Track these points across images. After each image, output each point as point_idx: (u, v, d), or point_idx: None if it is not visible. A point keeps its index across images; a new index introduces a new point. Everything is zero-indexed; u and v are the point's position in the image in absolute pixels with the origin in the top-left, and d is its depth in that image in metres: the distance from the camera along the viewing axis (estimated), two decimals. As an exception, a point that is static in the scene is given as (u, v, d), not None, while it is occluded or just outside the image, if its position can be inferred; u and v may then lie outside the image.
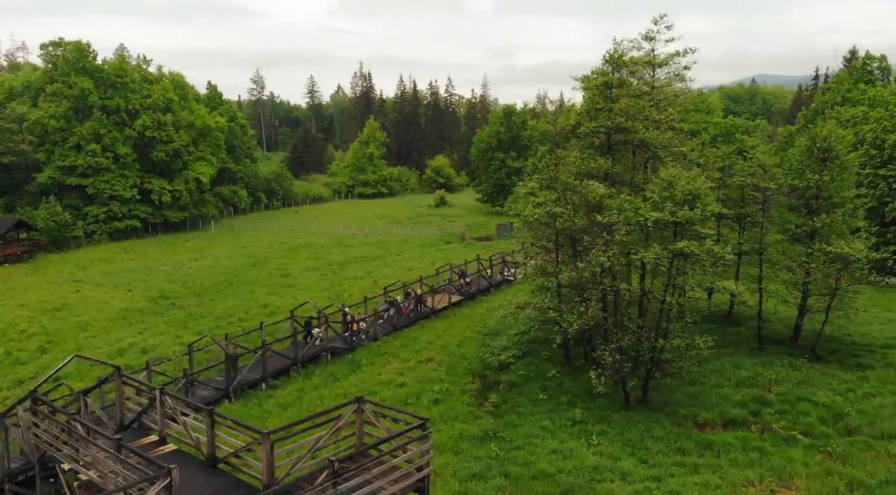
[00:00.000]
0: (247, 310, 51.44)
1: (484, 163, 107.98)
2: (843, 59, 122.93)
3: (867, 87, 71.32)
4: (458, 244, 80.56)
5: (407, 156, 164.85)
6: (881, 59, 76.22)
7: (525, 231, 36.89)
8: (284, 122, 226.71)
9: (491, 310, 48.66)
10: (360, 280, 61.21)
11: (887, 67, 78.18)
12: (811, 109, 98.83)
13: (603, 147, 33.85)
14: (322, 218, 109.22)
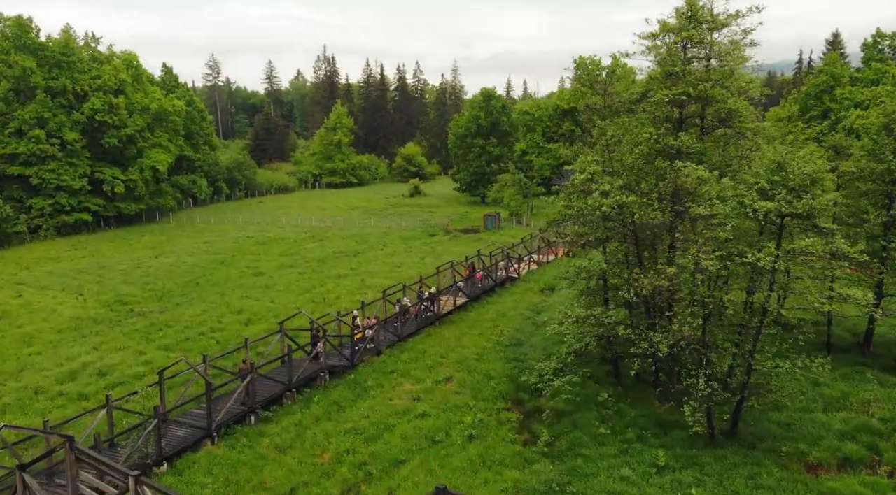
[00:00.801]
0: (219, 317, 44.73)
1: (463, 150, 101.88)
2: (826, 43, 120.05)
3: (882, 65, 67.20)
4: (443, 237, 74.50)
5: (374, 143, 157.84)
6: (892, 37, 72.32)
7: (571, 226, 30.85)
8: (241, 109, 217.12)
9: (501, 314, 42.92)
10: (344, 279, 54.79)
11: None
12: (803, 92, 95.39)
13: (670, 122, 28.00)
14: (289, 209, 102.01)
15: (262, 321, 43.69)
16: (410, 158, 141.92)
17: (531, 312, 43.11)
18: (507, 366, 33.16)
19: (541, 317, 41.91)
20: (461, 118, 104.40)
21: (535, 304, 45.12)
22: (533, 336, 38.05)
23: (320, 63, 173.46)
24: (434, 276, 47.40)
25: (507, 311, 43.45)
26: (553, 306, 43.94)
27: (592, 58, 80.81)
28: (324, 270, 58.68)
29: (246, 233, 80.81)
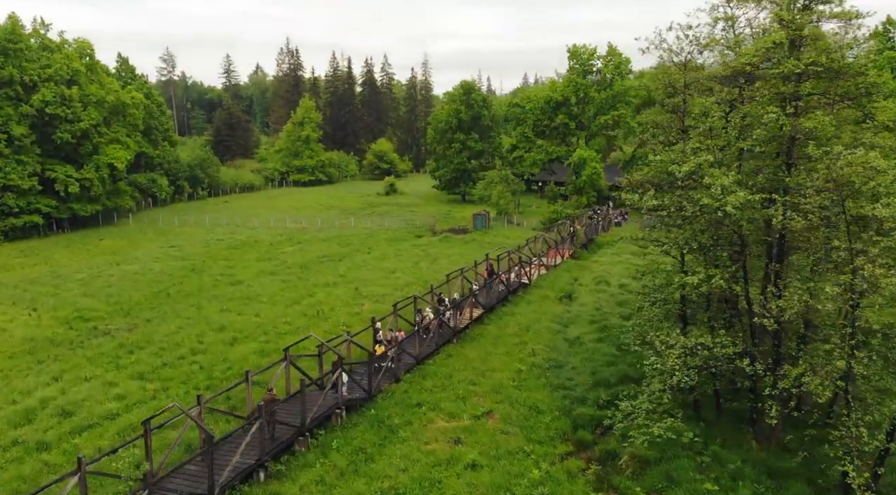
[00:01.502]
0: (199, 335, 38.92)
1: (443, 146, 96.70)
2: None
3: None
4: (432, 238, 69.31)
5: (342, 140, 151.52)
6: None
7: (659, 232, 26.01)
8: (198, 105, 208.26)
9: (524, 328, 38.05)
10: (334, 287, 49.27)
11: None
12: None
13: (783, 100, 23.10)
14: (259, 209, 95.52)
15: (249, 340, 38.04)
16: (382, 155, 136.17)
17: (558, 325, 38.28)
18: (554, 396, 28.24)
19: (570, 331, 37.19)
20: (440, 112, 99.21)
21: (559, 316, 40.30)
22: (570, 355, 33.20)
23: (283, 56, 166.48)
24: (445, 285, 42.17)
25: (529, 324, 38.52)
26: (579, 317, 39.35)
27: (587, 46, 76.68)
28: (309, 277, 53.02)
29: (215, 235, 74.44)
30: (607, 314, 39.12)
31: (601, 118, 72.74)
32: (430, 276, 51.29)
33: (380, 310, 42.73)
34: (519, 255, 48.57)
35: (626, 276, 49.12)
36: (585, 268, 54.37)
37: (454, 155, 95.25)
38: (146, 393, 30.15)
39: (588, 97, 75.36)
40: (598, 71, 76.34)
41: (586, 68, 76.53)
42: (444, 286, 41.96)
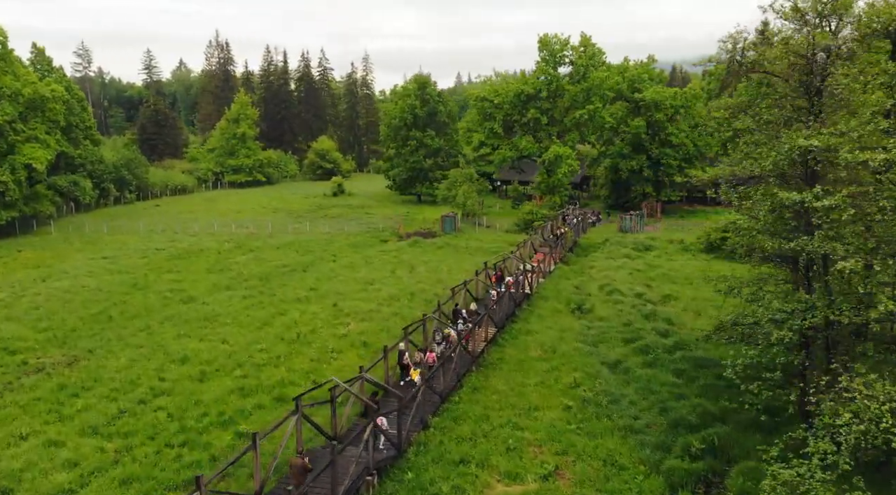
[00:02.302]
0: (158, 369, 32.19)
1: (397, 143, 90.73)
2: (756, 31, 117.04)
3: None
4: (400, 243, 63.38)
5: (279, 138, 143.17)
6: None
7: (775, 239, 21.18)
8: (116, 103, 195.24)
9: (549, 349, 33.01)
10: (308, 303, 42.96)
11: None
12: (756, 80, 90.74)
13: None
14: (196, 213, 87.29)
15: (221, 374, 31.54)
16: (324, 154, 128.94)
17: (586, 345, 33.17)
18: (629, 443, 23.08)
19: (604, 352, 32.18)
20: (394, 107, 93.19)
21: (582, 333, 35.22)
22: (621, 385, 28.14)
23: (212, 49, 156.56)
24: (450, 300, 36.51)
25: (553, 345, 33.28)
26: (606, 335, 34.52)
27: (558, 36, 72.19)
28: (274, 291, 46.45)
29: (153, 244, 66.42)
30: (640, 331, 34.29)
31: (575, 112, 68.55)
32: (414, 287, 45.57)
33: (369, 331, 36.87)
34: (522, 263, 43.31)
35: (635, 283, 44.61)
36: (583, 273, 49.66)
37: (409, 153, 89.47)
38: (105, 457, 23.46)
39: (561, 90, 71.08)
40: (570, 62, 72.10)
41: (558, 60, 72.12)
42: (450, 301, 36.24)
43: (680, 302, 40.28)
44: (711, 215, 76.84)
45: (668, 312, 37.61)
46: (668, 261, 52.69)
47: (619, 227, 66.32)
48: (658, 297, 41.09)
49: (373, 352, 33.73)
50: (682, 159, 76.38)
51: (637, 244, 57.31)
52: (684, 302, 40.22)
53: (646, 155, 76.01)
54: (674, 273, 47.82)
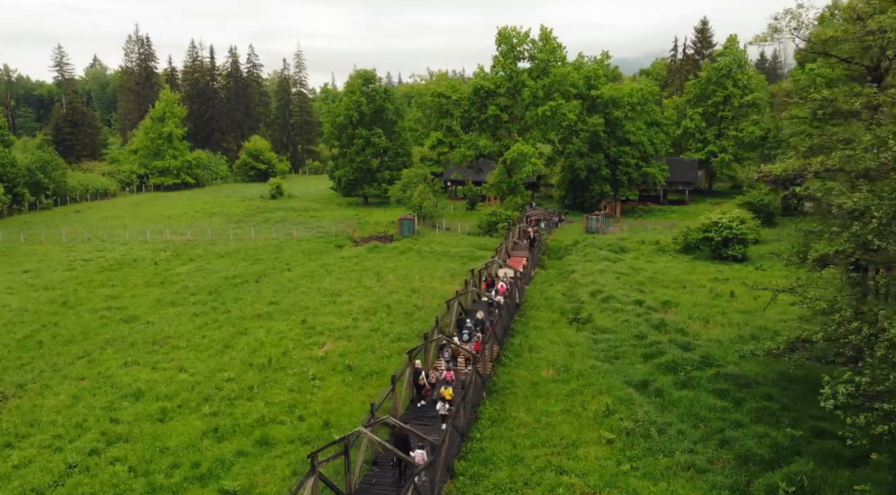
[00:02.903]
0: (108, 407, 27.24)
1: (343, 142, 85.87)
2: (695, 30, 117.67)
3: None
4: (357, 248, 58.91)
5: (206, 137, 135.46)
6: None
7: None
8: (25, 102, 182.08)
9: (562, 368, 29.48)
10: (271, 320, 38.24)
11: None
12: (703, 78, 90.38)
13: None
14: (122, 219, 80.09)
15: (185, 411, 26.80)
16: (257, 154, 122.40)
17: (602, 362, 29.83)
18: (699, 486, 19.75)
19: (623, 368, 28.93)
20: (337, 105, 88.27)
21: (592, 348, 31.89)
22: (658, 410, 24.90)
23: (132, 45, 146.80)
24: (447, 314, 32.54)
25: (564, 362, 29.78)
26: (620, 349, 31.39)
27: (516, 29, 68.79)
28: (228, 307, 41.45)
29: (79, 254, 59.82)
30: (658, 344, 31.17)
31: (537, 109, 65.51)
32: (388, 298, 41.40)
33: (351, 351, 32.60)
34: (509, 269, 39.73)
35: (627, 288, 41.71)
36: (565, 278, 46.55)
37: (355, 152, 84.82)
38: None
39: (522, 85, 67.95)
40: (530, 57, 69.03)
41: (517, 54, 68.91)
42: (447, 316, 32.28)
43: (682, 308, 37.53)
44: (669, 214, 75.47)
45: (677, 321, 34.73)
46: (648, 263, 50.18)
47: (586, 228, 63.72)
48: (657, 304, 38.21)
49: (361, 377, 29.54)
50: (639, 158, 74.57)
51: (612, 246, 54.68)
52: (686, 308, 37.48)
53: (603, 153, 73.82)
54: (661, 276, 45.21)
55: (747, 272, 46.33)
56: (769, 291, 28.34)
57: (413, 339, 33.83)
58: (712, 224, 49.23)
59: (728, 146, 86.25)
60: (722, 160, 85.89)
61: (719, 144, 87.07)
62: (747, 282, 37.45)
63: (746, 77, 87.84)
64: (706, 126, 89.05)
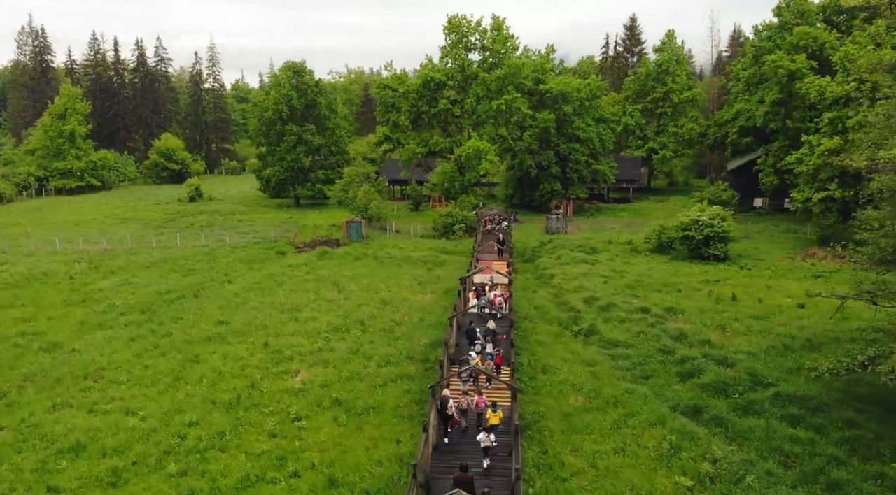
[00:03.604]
0: (41, 468, 21.60)
1: (271, 139, 79.46)
2: (624, 28, 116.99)
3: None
4: (303, 255, 53.33)
5: (110, 136, 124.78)
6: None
7: None
8: None
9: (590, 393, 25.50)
10: (225, 344, 32.74)
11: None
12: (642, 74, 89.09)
13: None
14: (22, 226, 71.02)
15: (145, 470, 21.48)
16: (170, 154, 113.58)
17: (631, 384, 26.04)
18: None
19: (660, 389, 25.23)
20: (266, 98, 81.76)
21: (618, 367, 28.13)
22: (729, 443, 21.14)
23: (25, 37, 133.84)
24: (450, 332, 27.99)
25: (590, 386, 25.83)
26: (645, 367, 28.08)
27: (466, 17, 64.39)
28: (168, 328, 35.49)
29: (-26, 268, 51.63)
30: (692, 361, 27.61)
31: (492, 103, 61.56)
32: (358, 312, 36.48)
33: (332, 381, 27.74)
34: (507, 276, 35.52)
35: (618, 294, 38.26)
36: (545, 283, 42.86)
37: (286, 150, 78.63)
38: None
39: (474, 77, 63.93)
40: (482, 47, 64.99)
41: (467, 44, 64.73)
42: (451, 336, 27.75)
43: (689, 315, 34.38)
44: (619, 213, 73.31)
45: (693, 331, 31.45)
46: (626, 264, 47.10)
47: (546, 229, 60.29)
48: (660, 311, 34.88)
49: (355, 415, 24.69)
50: (589, 155, 71.96)
51: (584, 247, 51.39)
52: (694, 315, 34.37)
53: (553, 150, 70.76)
54: (648, 279, 42.12)
55: (732, 272, 43.90)
56: (835, 299, 25.22)
57: (402, 362, 29.21)
58: (692, 222, 46.60)
59: (668, 143, 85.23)
60: (663, 157, 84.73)
61: (659, 141, 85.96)
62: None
63: (685, 73, 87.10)
64: (646, 123, 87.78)
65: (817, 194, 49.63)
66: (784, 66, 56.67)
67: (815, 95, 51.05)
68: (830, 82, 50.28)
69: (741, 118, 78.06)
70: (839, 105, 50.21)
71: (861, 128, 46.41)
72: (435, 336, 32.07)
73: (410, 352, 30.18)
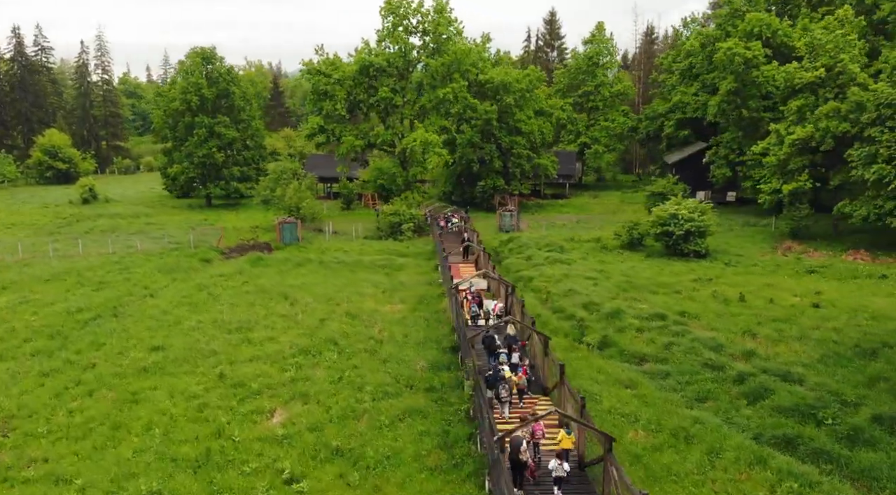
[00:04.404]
0: None
1: (179, 133, 71.31)
2: (544, 22, 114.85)
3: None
4: (232, 261, 46.64)
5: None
6: None
7: None
8: None
9: (651, 426, 21.06)
10: (168, 376, 26.49)
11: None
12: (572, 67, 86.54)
13: None
14: None
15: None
16: (55, 151, 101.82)
17: (702, 412, 21.77)
18: None
19: (737, 419, 21.13)
20: (172, 89, 73.44)
21: (663, 387, 23.86)
22: (851, 483, 17.20)
23: None
24: (475, 351, 22.92)
25: (647, 417, 21.47)
26: (696, 384, 23.78)
27: (406, 0, 58.92)
28: (90, 358, 28.68)
29: None
30: (750, 377, 23.63)
31: (437, 92, 56.42)
32: (323, 330, 30.85)
33: (320, 422, 22.38)
34: (506, 285, 30.65)
35: (615, 298, 34.18)
36: (524, 287, 38.15)
37: (196, 145, 70.76)
38: None
39: (417, 63, 58.68)
40: (423, 31, 59.53)
41: (410, 28, 59.17)
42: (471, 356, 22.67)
43: (706, 320, 30.76)
44: (563, 208, 70.14)
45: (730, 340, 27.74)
46: (601, 263, 43.35)
47: (500, 227, 55.93)
48: (675, 316, 31.06)
49: (365, 468, 19.39)
50: (530, 148, 68.30)
51: (551, 245, 47.28)
52: (711, 320, 30.81)
53: (496, 144, 66.62)
54: (637, 279, 38.38)
55: (719, 270, 40.94)
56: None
57: (403, 392, 23.97)
58: (670, 216, 43.34)
59: (601, 137, 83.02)
60: (595, 151, 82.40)
61: (591, 135, 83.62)
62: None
63: (616, 66, 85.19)
64: (577, 116, 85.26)
65: (787, 185, 47.64)
66: (740, 53, 54.64)
67: (781, 83, 49.15)
68: (799, 68, 48.45)
69: (678, 111, 76.73)
70: (806, 92, 48.51)
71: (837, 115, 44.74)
72: (430, 356, 26.95)
73: (409, 379, 24.92)
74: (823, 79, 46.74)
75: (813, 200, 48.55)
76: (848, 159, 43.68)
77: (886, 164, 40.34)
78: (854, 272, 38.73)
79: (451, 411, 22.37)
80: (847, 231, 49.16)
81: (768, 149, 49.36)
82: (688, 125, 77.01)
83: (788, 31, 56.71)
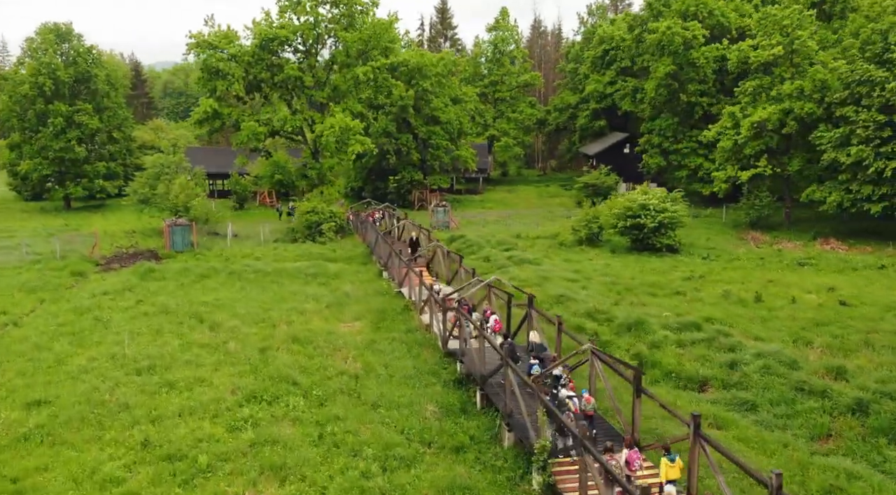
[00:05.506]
0: None
1: (29, 122, 59.45)
2: (436, 10, 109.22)
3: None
4: (113, 273, 37.36)
5: None
6: None
7: None
8: None
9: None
10: (56, 447, 18.16)
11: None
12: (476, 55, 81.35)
13: None
14: None
15: None
16: None
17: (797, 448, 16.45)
18: None
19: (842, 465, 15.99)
20: (17, 71, 61.31)
21: (760, 422, 18.31)
22: None
23: None
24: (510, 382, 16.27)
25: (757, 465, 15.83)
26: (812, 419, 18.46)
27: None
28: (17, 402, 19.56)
29: None
30: (868, 405, 18.49)
31: (354, 70, 48.70)
32: (271, 367, 23.18)
33: None
34: (505, 296, 24.20)
35: (617, 303, 28.66)
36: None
37: (51, 137, 59.28)
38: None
39: (329, 36, 50.63)
40: (334, 2, 51.23)
41: (316, 0, 50.75)
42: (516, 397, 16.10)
43: (740, 327, 25.85)
44: (485, 203, 64.85)
45: (797, 353, 22.77)
46: (567, 262, 37.92)
47: (432, 224, 49.32)
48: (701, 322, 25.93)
49: None
50: (449, 139, 62.29)
51: (504, 243, 41.40)
52: (744, 327, 25.92)
53: (412, 134, 60.04)
54: (622, 279, 33.18)
55: (701, 265, 36.60)
56: None
57: (422, 455, 17.09)
58: (640, 207, 38.55)
59: (509, 129, 78.46)
60: (505, 144, 77.74)
61: (498, 127, 78.88)
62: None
63: (522, 55, 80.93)
64: (483, 107, 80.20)
65: (745, 172, 44.33)
66: (679, 33, 51.12)
67: (735, 62, 45.89)
68: (752, 47, 45.29)
69: (592, 100, 73.37)
70: (760, 72, 45.48)
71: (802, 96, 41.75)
72: (435, 396, 20.16)
73: (421, 433, 18.05)
74: (778, 57, 43.83)
75: (770, 187, 45.70)
76: (815, 142, 40.83)
77: (865, 146, 37.56)
78: (849, 264, 35.59)
79: (488, 478, 15.80)
80: (800, 220, 46.74)
81: (722, 133, 45.98)
82: (602, 115, 73.87)
83: (725, 10, 53.93)
